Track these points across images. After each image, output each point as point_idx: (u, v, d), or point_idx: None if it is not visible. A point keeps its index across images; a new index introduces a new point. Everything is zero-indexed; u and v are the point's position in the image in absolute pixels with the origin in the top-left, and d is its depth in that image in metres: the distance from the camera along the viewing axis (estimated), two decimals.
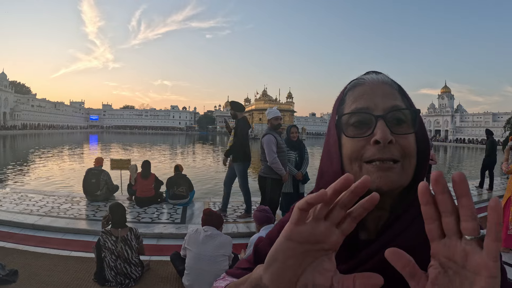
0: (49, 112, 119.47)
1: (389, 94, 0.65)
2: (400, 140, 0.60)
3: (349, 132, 0.64)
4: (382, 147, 0.59)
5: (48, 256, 4.59)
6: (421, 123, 0.66)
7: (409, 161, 0.62)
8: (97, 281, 3.89)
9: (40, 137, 62.21)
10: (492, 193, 10.04)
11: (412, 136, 0.63)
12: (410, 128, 0.63)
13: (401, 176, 0.60)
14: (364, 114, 0.63)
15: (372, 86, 0.66)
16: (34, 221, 5.80)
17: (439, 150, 53.28)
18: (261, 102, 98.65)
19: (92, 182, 7.35)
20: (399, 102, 0.65)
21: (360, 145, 0.62)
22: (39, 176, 14.79)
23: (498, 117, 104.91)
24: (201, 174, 16.90)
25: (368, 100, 0.64)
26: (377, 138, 0.59)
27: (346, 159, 0.65)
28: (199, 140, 66.45)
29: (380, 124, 0.60)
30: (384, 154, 0.59)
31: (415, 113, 0.64)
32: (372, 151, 0.60)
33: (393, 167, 0.59)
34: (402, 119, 0.62)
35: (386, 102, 0.63)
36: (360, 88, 0.67)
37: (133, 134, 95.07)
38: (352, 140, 0.63)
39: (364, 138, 0.61)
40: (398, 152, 0.60)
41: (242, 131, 6.35)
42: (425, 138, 0.66)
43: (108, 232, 3.93)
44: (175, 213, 6.73)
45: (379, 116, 0.61)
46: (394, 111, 0.62)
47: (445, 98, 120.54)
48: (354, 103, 0.65)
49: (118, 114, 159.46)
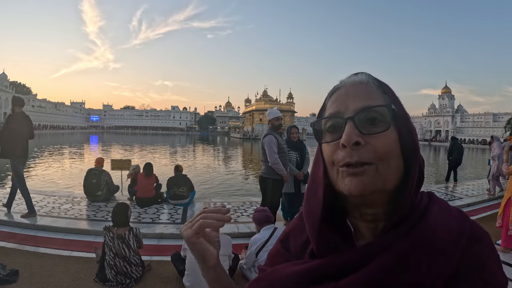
0: (50, 112, 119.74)
1: (362, 94, 0.62)
2: (371, 141, 0.58)
3: (325, 138, 0.64)
4: (350, 150, 0.58)
5: (49, 256, 4.59)
6: (405, 119, 0.62)
7: (387, 163, 0.58)
8: (98, 280, 3.90)
9: (40, 137, 62.16)
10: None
11: (389, 136, 0.59)
12: (382, 127, 0.59)
13: (376, 180, 0.57)
14: (335, 118, 0.62)
15: (346, 89, 0.65)
16: (35, 221, 5.80)
17: (439, 151, 53.20)
18: (262, 103, 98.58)
19: (92, 182, 7.36)
20: (375, 100, 0.61)
21: (333, 150, 0.61)
22: (40, 176, 14.80)
23: (498, 118, 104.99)
24: (201, 174, 16.92)
25: (340, 104, 0.63)
26: (341, 142, 0.58)
27: (327, 165, 0.64)
28: (200, 141, 66.55)
29: (348, 127, 0.59)
30: (351, 157, 0.58)
31: (388, 110, 0.60)
32: (341, 155, 0.59)
33: (364, 171, 0.57)
34: (376, 118, 0.59)
35: (357, 103, 0.61)
36: (337, 93, 0.66)
37: (134, 135, 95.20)
38: (328, 145, 0.63)
39: (336, 143, 0.61)
40: (369, 154, 0.57)
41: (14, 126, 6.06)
42: (411, 136, 0.61)
43: (107, 229, 3.98)
44: (176, 213, 6.73)
45: (348, 119, 0.60)
46: (365, 111, 0.60)
47: (445, 99, 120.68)
48: (329, 109, 0.65)
49: (118, 114, 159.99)
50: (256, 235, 4.07)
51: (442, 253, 0.55)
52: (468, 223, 0.60)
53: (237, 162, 28.25)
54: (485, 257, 0.58)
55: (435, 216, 0.60)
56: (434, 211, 0.61)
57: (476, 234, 0.59)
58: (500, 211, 5.30)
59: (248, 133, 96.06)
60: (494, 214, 6.39)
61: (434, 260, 0.54)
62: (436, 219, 0.59)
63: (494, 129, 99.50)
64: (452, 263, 0.55)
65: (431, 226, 0.58)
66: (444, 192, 10.07)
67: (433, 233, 0.56)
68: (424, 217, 0.59)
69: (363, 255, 0.58)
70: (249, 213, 6.73)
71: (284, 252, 0.74)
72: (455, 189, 10.73)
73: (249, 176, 18.08)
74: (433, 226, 0.58)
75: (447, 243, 0.56)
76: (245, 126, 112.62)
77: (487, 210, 8.12)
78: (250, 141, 72.78)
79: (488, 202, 9.00)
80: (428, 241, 0.56)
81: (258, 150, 46.56)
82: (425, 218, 0.59)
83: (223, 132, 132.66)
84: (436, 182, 13.77)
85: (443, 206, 0.63)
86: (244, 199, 8.58)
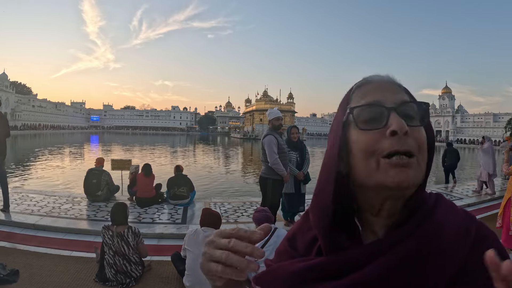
0: (50, 112, 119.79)
1: (395, 90, 0.64)
2: (413, 133, 0.59)
3: (362, 125, 0.61)
4: (398, 138, 0.57)
5: (49, 256, 4.60)
6: (429, 118, 0.64)
7: (423, 156, 0.60)
8: (98, 280, 3.91)
9: (41, 137, 62.33)
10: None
11: (423, 131, 0.61)
12: (420, 122, 0.61)
13: (418, 172, 0.58)
14: (375, 106, 0.61)
15: (379, 83, 0.65)
16: (35, 221, 5.80)
17: (439, 151, 53.20)
18: (262, 103, 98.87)
19: (93, 182, 7.36)
20: (407, 97, 0.64)
21: (375, 138, 0.59)
22: (40, 176, 14.82)
23: (499, 118, 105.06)
24: (202, 174, 16.94)
25: (378, 95, 0.63)
26: (394, 129, 0.57)
27: (359, 156, 0.60)
28: (200, 141, 66.61)
29: (394, 116, 0.59)
30: (401, 145, 0.57)
31: (424, 107, 0.63)
32: (388, 143, 0.57)
33: (410, 162, 0.57)
34: (411, 114, 0.61)
35: (395, 96, 0.62)
36: (368, 86, 0.66)
37: (134, 135, 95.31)
38: (366, 134, 0.60)
39: (379, 131, 0.59)
40: (414, 144, 0.58)
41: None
42: (432, 134, 0.64)
43: (106, 227, 4.00)
44: (176, 214, 6.73)
45: (391, 108, 0.59)
46: (405, 104, 0.61)
47: (445, 99, 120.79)
48: (363, 99, 0.64)
49: (119, 114, 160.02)
50: None
51: (448, 252, 0.55)
52: (474, 223, 0.61)
53: (237, 162, 28.33)
54: None
55: (442, 215, 0.60)
56: (441, 210, 0.61)
57: (482, 233, 0.60)
58: (500, 211, 5.31)
59: (248, 133, 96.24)
60: (494, 215, 6.40)
61: (440, 258, 0.55)
62: (443, 218, 0.60)
63: (495, 129, 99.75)
64: (458, 262, 0.55)
65: (438, 225, 0.58)
66: (444, 192, 10.07)
67: (440, 232, 0.57)
68: (432, 216, 0.60)
69: (368, 253, 0.58)
70: (249, 213, 6.74)
71: (291, 250, 0.74)
72: (454, 189, 10.76)
73: (250, 176, 18.10)
74: (440, 225, 0.58)
75: (454, 242, 0.56)
76: (245, 126, 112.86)
77: (487, 210, 8.13)
78: (250, 141, 72.86)
79: (488, 202, 9.01)
80: (435, 239, 0.56)
81: (258, 150, 46.56)
82: (432, 217, 0.60)
83: (223, 132, 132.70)
84: (436, 183, 13.75)
85: (450, 205, 0.64)
86: (244, 199, 8.57)
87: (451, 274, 0.55)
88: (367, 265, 0.57)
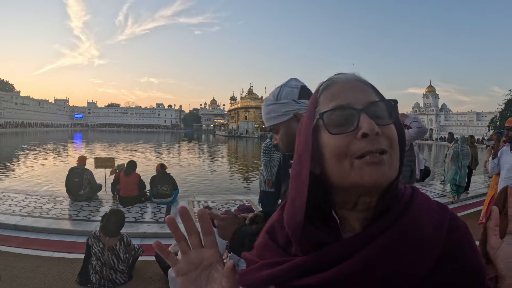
0: (33, 110, 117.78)
1: (363, 90, 0.65)
2: (384, 132, 0.60)
3: (333, 130, 0.61)
4: (370, 139, 0.58)
5: (31, 258, 4.55)
6: (397, 114, 0.66)
7: (395, 150, 0.61)
8: (79, 282, 3.86)
9: (23, 135, 61.20)
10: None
11: (393, 128, 0.63)
12: (389, 119, 0.62)
13: (391, 168, 0.60)
14: (345, 109, 0.62)
15: (346, 83, 0.66)
16: (16, 222, 5.74)
17: (423, 149, 53.92)
18: (247, 100, 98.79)
19: (75, 181, 7.30)
20: (375, 97, 0.65)
21: (347, 141, 0.60)
22: (22, 175, 14.58)
23: (482, 117, 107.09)
24: (185, 172, 16.87)
25: (346, 96, 0.63)
26: (365, 131, 0.58)
27: (333, 160, 0.61)
28: (184, 138, 66.25)
29: (364, 117, 0.60)
30: (373, 146, 0.58)
31: (392, 104, 0.64)
32: (361, 144, 0.59)
33: (383, 159, 0.59)
34: (380, 113, 0.62)
35: (364, 96, 0.63)
36: (335, 86, 0.66)
37: (119, 133, 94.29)
38: (337, 137, 0.61)
39: (350, 134, 0.60)
40: (386, 142, 0.60)
41: None
42: (402, 128, 0.66)
43: (96, 237, 3.85)
44: (159, 212, 6.73)
45: (361, 110, 0.61)
46: (374, 105, 0.62)
47: (429, 97, 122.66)
48: (332, 102, 0.64)
49: (103, 112, 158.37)
50: None
51: (425, 244, 0.58)
52: (447, 214, 0.64)
53: (222, 160, 28.23)
54: (463, 244, 0.61)
55: (417, 208, 0.63)
56: (416, 203, 0.64)
57: (454, 224, 0.63)
58: (484, 208, 5.43)
59: (233, 130, 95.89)
60: (477, 212, 6.59)
61: (418, 250, 0.57)
62: (419, 211, 0.62)
63: (478, 127, 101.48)
64: (435, 253, 0.58)
65: (414, 218, 0.61)
66: (425, 190, 10.27)
67: (416, 225, 0.59)
68: (408, 209, 0.62)
69: (348, 248, 0.60)
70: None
71: (272, 243, 0.74)
72: (434, 187, 11.00)
73: (234, 174, 18.09)
74: (416, 218, 0.61)
75: (429, 234, 0.59)
76: (230, 123, 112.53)
77: (470, 208, 8.36)
78: (235, 139, 72.74)
79: (471, 200, 9.27)
80: (411, 232, 0.59)
81: (243, 147, 46.59)
82: (408, 210, 0.62)
83: (208, 130, 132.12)
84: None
85: (425, 198, 0.66)
86: (228, 197, 8.60)
87: (432, 263, 0.57)
88: (349, 259, 0.59)
